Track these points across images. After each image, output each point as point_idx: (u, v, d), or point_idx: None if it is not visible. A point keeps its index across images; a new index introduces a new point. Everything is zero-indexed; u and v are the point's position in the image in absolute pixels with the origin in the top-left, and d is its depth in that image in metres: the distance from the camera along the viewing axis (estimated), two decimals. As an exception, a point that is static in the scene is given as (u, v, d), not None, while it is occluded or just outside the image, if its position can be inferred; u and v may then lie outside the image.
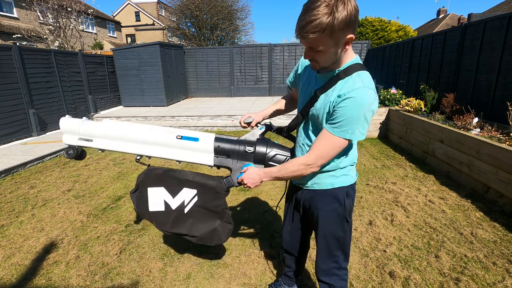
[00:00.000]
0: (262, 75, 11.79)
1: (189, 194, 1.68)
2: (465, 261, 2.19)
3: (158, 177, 1.69)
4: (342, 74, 1.15)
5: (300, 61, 1.44)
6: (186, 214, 1.70)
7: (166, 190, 1.69)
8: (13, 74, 6.14)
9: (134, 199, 1.75)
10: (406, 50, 7.36)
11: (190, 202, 1.69)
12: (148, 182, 1.70)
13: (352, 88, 1.10)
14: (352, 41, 1.07)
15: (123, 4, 33.24)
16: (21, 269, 2.28)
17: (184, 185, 1.67)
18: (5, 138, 5.95)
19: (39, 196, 3.63)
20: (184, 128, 7.39)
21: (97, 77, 9.07)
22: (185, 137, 1.61)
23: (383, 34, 15.08)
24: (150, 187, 1.69)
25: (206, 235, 1.73)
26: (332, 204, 1.35)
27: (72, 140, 1.71)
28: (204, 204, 1.69)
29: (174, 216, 1.71)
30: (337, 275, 1.47)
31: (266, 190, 3.60)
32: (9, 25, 15.46)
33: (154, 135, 1.64)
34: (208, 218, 1.71)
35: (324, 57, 1.11)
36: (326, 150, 1.18)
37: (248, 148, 1.56)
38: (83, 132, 1.68)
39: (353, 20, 1.01)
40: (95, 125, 1.68)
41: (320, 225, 1.41)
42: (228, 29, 18.44)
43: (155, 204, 1.70)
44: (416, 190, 3.42)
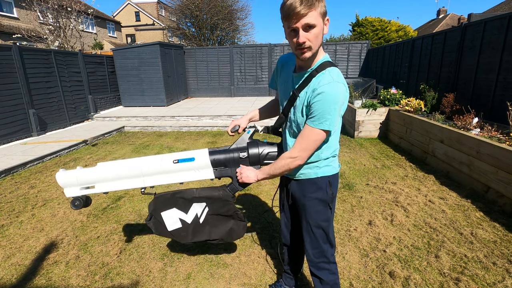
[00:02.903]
0: (262, 75, 11.78)
1: (199, 207, 1.79)
2: (465, 261, 2.19)
3: (167, 202, 1.79)
4: (314, 72, 1.27)
5: (277, 64, 1.55)
6: (202, 224, 1.82)
7: (178, 209, 1.79)
8: (13, 74, 6.14)
9: (151, 226, 1.84)
10: (406, 50, 7.35)
11: (203, 213, 1.80)
12: (159, 208, 1.80)
13: (323, 83, 1.21)
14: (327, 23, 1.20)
15: (123, 4, 33.23)
16: (21, 269, 2.29)
17: (193, 202, 1.78)
18: (5, 138, 5.95)
19: (39, 196, 3.63)
20: (184, 128, 7.39)
21: (97, 77, 9.07)
22: (181, 160, 1.68)
23: (383, 34, 15.08)
24: (163, 212, 1.79)
25: (225, 235, 1.85)
26: (316, 192, 1.44)
27: (75, 192, 1.76)
28: (215, 212, 1.80)
29: (192, 228, 1.82)
30: (327, 269, 1.55)
31: (266, 190, 3.60)
32: (9, 25, 15.46)
33: (150, 166, 1.69)
34: (222, 221, 1.83)
35: (316, 38, 1.18)
36: (308, 143, 1.29)
37: (242, 154, 1.65)
38: (82, 181, 1.73)
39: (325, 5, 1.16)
40: (91, 172, 1.71)
41: (306, 213, 1.49)
42: (228, 29, 18.43)
43: (172, 223, 1.81)
44: (416, 190, 3.42)
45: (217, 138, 6.36)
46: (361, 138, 5.90)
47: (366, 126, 5.91)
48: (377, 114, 5.85)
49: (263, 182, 3.83)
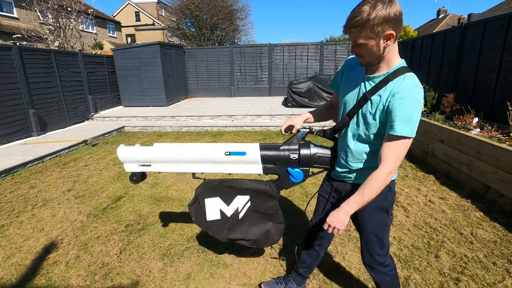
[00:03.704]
0: (262, 75, 11.78)
1: (242, 201, 1.82)
2: (465, 261, 2.19)
3: (214, 188, 1.83)
4: (391, 76, 1.24)
5: (344, 65, 1.51)
6: (240, 220, 1.84)
7: (221, 199, 1.83)
8: (13, 74, 6.14)
9: (192, 212, 1.88)
10: (406, 50, 7.35)
11: (244, 207, 1.82)
12: (205, 194, 1.84)
13: (405, 88, 1.19)
14: (394, 38, 1.17)
15: (123, 4, 33.23)
16: (21, 269, 2.29)
17: (238, 193, 1.81)
18: (5, 138, 5.95)
19: (39, 196, 3.63)
20: (184, 128, 7.39)
21: (97, 77, 9.07)
22: (233, 153, 1.71)
23: (383, 34, 15.08)
24: (207, 198, 1.83)
25: (260, 237, 1.86)
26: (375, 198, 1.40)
27: (133, 167, 1.87)
28: (257, 208, 1.82)
29: (230, 223, 1.85)
30: (383, 272, 1.56)
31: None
32: (9, 25, 15.46)
33: (203, 154, 1.75)
34: (261, 220, 1.85)
35: (367, 52, 1.21)
36: (398, 152, 1.23)
37: (292, 156, 1.64)
38: (140, 159, 1.83)
39: (392, 18, 1.12)
40: (150, 151, 1.80)
41: (363, 219, 1.48)
42: (228, 29, 18.43)
43: (212, 213, 1.84)
44: (416, 190, 3.42)
45: (217, 138, 6.36)
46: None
47: (366, 126, 5.91)
48: (377, 114, 5.85)
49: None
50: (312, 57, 11.37)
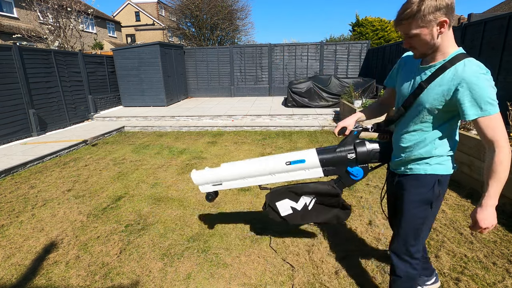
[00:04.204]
0: (262, 75, 11.78)
1: (308, 198, 2.00)
2: (465, 261, 2.19)
3: (281, 194, 2.02)
4: (448, 64, 1.25)
5: (399, 61, 1.57)
6: (310, 210, 2.01)
7: (289, 199, 2.01)
8: (13, 74, 6.14)
9: (268, 212, 2.10)
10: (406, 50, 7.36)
11: (311, 202, 1.99)
12: (274, 199, 2.04)
13: (469, 73, 1.19)
14: (448, 25, 1.19)
15: (123, 4, 33.23)
16: (21, 269, 2.29)
17: (302, 195, 1.99)
18: (5, 138, 5.95)
19: (39, 196, 3.63)
20: (184, 128, 7.39)
21: (97, 77, 9.07)
22: (293, 162, 1.86)
23: (383, 34, 15.08)
24: (277, 202, 2.03)
25: (330, 219, 2.02)
26: (419, 189, 1.42)
27: (208, 188, 2.13)
28: (322, 202, 1.98)
29: (301, 214, 2.03)
30: (408, 262, 1.54)
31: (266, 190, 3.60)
32: (9, 25, 15.46)
33: (267, 167, 1.93)
34: (329, 210, 2.00)
35: (420, 42, 1.24)
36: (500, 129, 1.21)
37: (350, 155, 1.71)
38: (211, 180, 2.07)
39: (443, 6, 1.15)
40: (219, 172, 2.04)
41: (403, 207, 1.49)
42: (228, 29, 18.42)
43: (285, 210, 2.04)
44: (416, 190, 3.42)
45: (217, 138, 6.36)
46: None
47: (366, 126, 5.91)
48: (377, 114, 5.85)
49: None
50: (312, 57, 11.37)
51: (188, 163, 4.74)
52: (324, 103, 8.45)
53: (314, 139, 5.98)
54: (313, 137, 6.16)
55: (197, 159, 4.90)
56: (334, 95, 8.34)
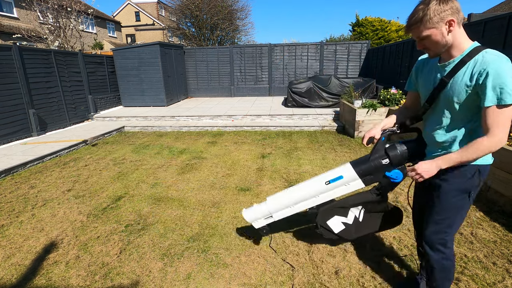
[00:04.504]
0: (262, 75, 11.78)
1: (357, 210, 2.07)
2: (465, 261, 2.19)
3: (329, 213, 2.10)
4: (466, 57, 1.32)
5: (416, 64, 1.64)
6: (361, 222, 2.07)
7: (338, 216, 2.09)
8: (13, 74, 6.14)
9: (321, 232, 2.15)
10: (406, 50, 7.36)
11: (360, 213, 2.06)
12: (324, 219, 2.10)
13: (489, 61, 1.24)
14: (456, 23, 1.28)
15: (123, 4, 33.23)
16: (21, 269, 2.29)
17: (349, 208, 2.06)
18: (5, 138, 5.95)
19: (39, 196, 3.63)
20: (184, 128, 7.40)
21: (97, 77, 9.07)
22: (332, 180, 1.94)
23: (383, 34, 15.08)
24: (328, 221, 2.10)
25: (385, 225, 2.07)
26: (457, 178, 1.45)
27: (261, 222, 2.27)
28: (371, 210, 2.05)
29: (354, 227, 2.08)
30: (442, 252, 1.56)
31: (266, 190, 3.60)
32: (9, 25, 15.46)
33: (309, 192, 2.04)
34: (379, 217, 2.06)
35: (432, 42, 1.34)
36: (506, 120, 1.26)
37: (384, 161, 1.75)
38: (263, 215, 2.23)
39: (448, 8, 1.26)
40: (267, 206, 2.20)
41: (439, 196, 1.51)
42: (228, 29, 18.42)
43: (337, 227, 2.10)
44: (416, 190, 3.42)
45: (217, 138, 6.36)
46: (361, 138, 5.90)
47: (366, 126, 5.91)
48: (377, 114, 5.86)
49: (263, 182, 3.83)
50: (312, 57, 11.36)
51: (188, 163, 4.74)
52: (324, 103, 8.45)
53: (314, 139, 5.98)
54: (313, 137, 6.16)
55: (197, 159, 4.91)
56: (334, 95, 8.34)
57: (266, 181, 3.87)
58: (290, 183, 3.78)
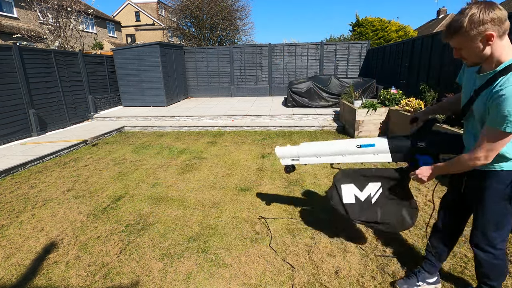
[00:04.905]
0: (262, 75, 11.78)
1: (374, 187, 2.04)
2: (465, 261, 2.19)
3: (348, 176, 2.11)
4: (498, 74, 1.29)
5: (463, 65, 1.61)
6: (373, 204, 2.06)
7: (355, 186, 2.09)
8: (13, 74, 6.14)
9: (330, 195, 2.19)
10: (406, 50, 7.36)
11: (376, 193, 2.05)
12: (341, 180, 2.13)
13: (505, 86, 1.23)
14: (495, 37, 1.24)
15: (123, 4, 33.23)
16: (21, 269, 2.29)
17: (370, 180, 2.05)
18: (5, 138, 5.95)
19: (39, 196, 3.63)
20: (184, 128, 7.40)
21: (97, 77, 9.07)
22: (363, 145, 1.96)
23: (383, 34, 15.06)
24: (343, 184, 2.12)
25: (394, 221, 2.05)
26: (497, 185, 1.46)
27: (287, 161, 2.40)
28: (388, 194, 2.02)
29: (363, 206, 2.08)
30: (492, 253, 1.59)
31: (266, 190, 3.60)
32: (9, 25, 15.46)
33: (339, 148, 2.09)
34: (393, 206, 2.02)
35: (468, 54, 1.33)
36: (492, 144, 1.32)
37: (420, 143, 1.76)
38: (292, 155, 2.34)
39: (488, 21, 1.21)
40: (299, 149, 2.29)
41: (482, 204, 1.53)
42: (228, 29, 18.42)
43: (347, 197, 2.11)
44: (416, 190, 3.42)
45: (217, 138, 6.36)
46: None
47: (366, 126, 5.91)
48: (377, 114, 5.85)
49: (263, 182, 3.83)
50: (312, 57, 11.36)
51: (188, 163, 4.74)
52: (324, 103, 8.45)
53: (314, 139, 5.98)
54: (313, 137, 6.16)
55: (197, 159, 4.90)
56: (334, 95, 8.34)
57: (266, 181, 3.87)
58: (290, 183, 3.78)
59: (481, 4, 1.23)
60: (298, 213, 3.01)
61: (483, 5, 1.22)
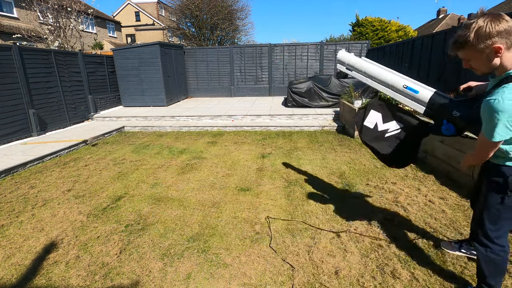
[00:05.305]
0: (262, 75, 11.78)
1: (395, 126, 2.19)
2: (465, 261, 2.19)
3: (382, 107, 2.25)
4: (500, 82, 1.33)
5: None
6: (385, 138, 2.23)
7: (381, 116, 2.25)
8: (13, 74, 6.14)
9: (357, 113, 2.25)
10: (406, 50, 7.36)
11: (392, 132, 2.19)
12: (373, 105, 2.29)
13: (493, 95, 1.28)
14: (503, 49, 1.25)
15: (123, 4, 33.23)
16: (21, 269, 2.29)
17: (395, 119, 2.19)
18: (5, 138, 5.95)
19: (39, 196, 3.63)
20: (184, 128, 7.40)
21: (97, 77, 9.07)
22: (408, 87, 2.06)
23: (383, 34, 15.06)
24: (373, 110, 2.29)
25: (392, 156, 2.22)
26: (496, 177, 1.54)
27: (341, 67, 2.53)
28: (402, 138, 2.16)
29: (376, 135, 2.26)
30: (488, 247, 1.62)
31: (266, 190, 3.60)
32: (9, 25, 15.46)
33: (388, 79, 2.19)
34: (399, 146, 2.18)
35: (476, 64, 1.37)
36: (479, 147, 1.46)
37: (455, 112, 1.80)
38: (349, 63, 2.44)
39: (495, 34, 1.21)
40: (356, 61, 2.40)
41: (485, 191, 1.62)
42: (228, 29, 18.42)
43: (369, 122, 2.30)
44: (416, 190, 3.42)
45: (217, 138, 6.36)
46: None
47: (366, 126, 5.90)
48: (377, 114, 5.84)
49: (263, 182, 3.83)
50: (312, 57, 11.36)
51: (188, 163, 4.74)
52: (324, 103, 8.45)
53: (314, 139, 5.98)
54: (313, 137, 6.16)
55: (197, 159, 4.90)
56: (334, 95, 8.34)
57: (266, 181, 3.87)
58: (290, 183, 3.78)
59: (488, 17, 1.22)
60: (298, 213, 3.01)
61: (490, 18, 1.21)
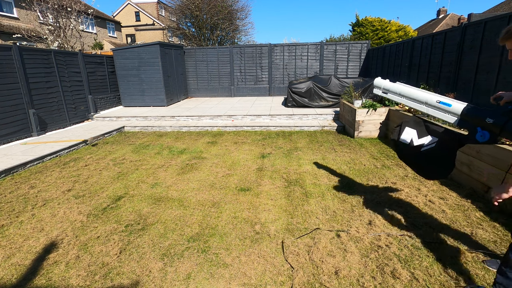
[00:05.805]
0: (262, 75, 11.78)
1: (429, 140, 2.22)
2: (465, 261, 2.19)
3: (416, 124, 2.33)
4: None
5: None
6: (420, 152, 2.26)
7: (416, 133, 2.30)
8: (13, 74, 6.14)
9: (395, 130, 2.44)
10: (406, 50, 7.36)
11: (427, 146, 2.22)
12: (409, 124, 2.37)
13: None
14: None
15: (123, 4, 33.22)
16: (21, 269, 2.29)
17: (429, 133, 2.24)
18: (5, 138, 5.95)
19: (39, 196, 3.63)
20: (184, 128, 7.40)
21: (97, 77, 9.07)
22: (442, 102, 2.13)
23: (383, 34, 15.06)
24: (408, 127, 2.36)
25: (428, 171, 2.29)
26: None
27: (378, 91, 2.65)
28: (436, 153, 2.18)
29: (410, 149, 2.30)
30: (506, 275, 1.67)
31: (266, 190, 3.60)
32: (9, 25, 15.46)
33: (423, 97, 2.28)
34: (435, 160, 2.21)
35: None
36: None
37: (488, 120, 1.81)
38: (385, 88, 2.59)
39: None
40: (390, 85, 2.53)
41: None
42: (228, 29, 18.41)
43: (404, 137, 2.36)
44: (416, 190, 3.42)
45: (217, 138, 6.36)
46: (361, 138, 5.90)
47: (366, 126, 5.91)
48: (377, 114, 5.85)
49: (263, 182, 3.83)
50: (312, 57, 11.37)
51: (188, 163, 4.74)
52: (324, 103, 8.45)
53: (314, 139, 5.98)
54: (313, 137, 6.16)
55: (197, 159, 4.91)
56: (334, 95, 8.34)
57: (266, 181, 3.87)
58: (290, 183, 3.78)
59: None
60: (298, 213, 3.01)
61: None
